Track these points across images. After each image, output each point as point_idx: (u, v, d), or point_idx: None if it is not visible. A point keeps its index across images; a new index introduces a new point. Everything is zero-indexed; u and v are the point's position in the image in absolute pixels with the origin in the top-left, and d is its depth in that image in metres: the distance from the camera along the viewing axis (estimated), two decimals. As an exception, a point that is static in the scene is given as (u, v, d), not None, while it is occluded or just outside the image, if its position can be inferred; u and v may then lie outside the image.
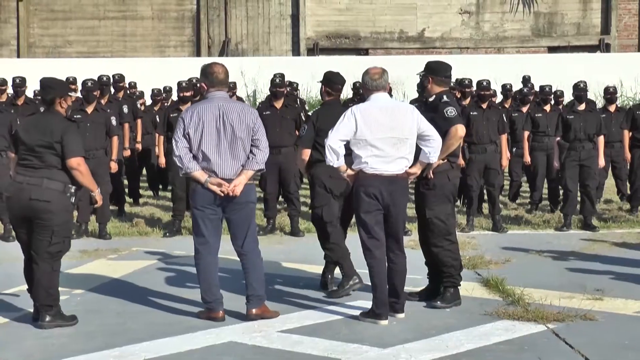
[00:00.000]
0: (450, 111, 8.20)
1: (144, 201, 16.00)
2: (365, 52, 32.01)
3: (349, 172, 7.78)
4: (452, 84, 10.09)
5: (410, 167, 7.82)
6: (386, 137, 7.69)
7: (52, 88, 7.80)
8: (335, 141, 7.64)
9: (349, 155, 7.79)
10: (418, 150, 7.88)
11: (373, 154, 7.68)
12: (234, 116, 7.75)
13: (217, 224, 7.89)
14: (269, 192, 12.62)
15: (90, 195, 7.97)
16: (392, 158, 7.72)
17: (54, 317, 7.64)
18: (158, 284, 9.36)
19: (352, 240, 8.56)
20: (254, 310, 7.86)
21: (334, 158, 7.65)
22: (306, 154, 8.90)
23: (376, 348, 7.03)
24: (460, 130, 8.18)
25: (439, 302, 8.34)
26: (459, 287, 8.43)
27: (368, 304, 8.05)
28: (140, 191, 16.57)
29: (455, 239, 8.43)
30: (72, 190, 7.61)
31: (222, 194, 7.68)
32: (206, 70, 7.93)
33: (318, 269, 10.04)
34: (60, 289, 9.00)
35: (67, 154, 7.51)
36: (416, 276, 9.05)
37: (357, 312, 8.04)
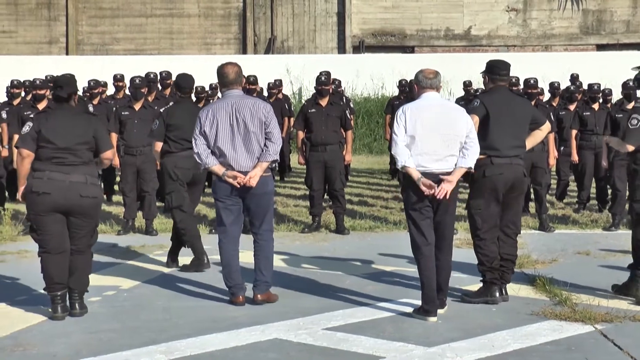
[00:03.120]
0: None
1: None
2: (411, 49, 31.91)
3: (415, 173, 7.76)
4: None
5: (450, 175, 7.79)
6: (435, 134, 7.74)
7: (69, 85, 8.03)
8: (398, 147, 7.76)
9: None
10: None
11: (422, 152, 7.74)
12: (246, 112, 8.22)
13: (237, 214, 8.37)
14: (315, 189, 12.61)
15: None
16: (441, 156, 7.76)
17: (82, 304, 7.97)
18: (204, 280, 9.40)
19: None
20: (259, 296, 8.33)
21: (403, 159, 7.74)
22: (158, 146, 10.10)
23: (421, 347, 6.99)
24: None
25: (464, 295, 8.40)
26: (492, 285, 8.37)
27: (414, 302, 8.04)
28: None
29: (487, 236, 8.33)
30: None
31: (239, 185, 8.15)
32: (218, 72, 8.45)
33: (364, 267, 10.05)
34: (108, 284, 9.14)
35: (102, 147, 7.90)
36: (461, 274, 9.04)
37: (403, 310, 8.04)
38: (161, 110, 11.22)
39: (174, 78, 16.70)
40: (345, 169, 13.60)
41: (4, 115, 14.01)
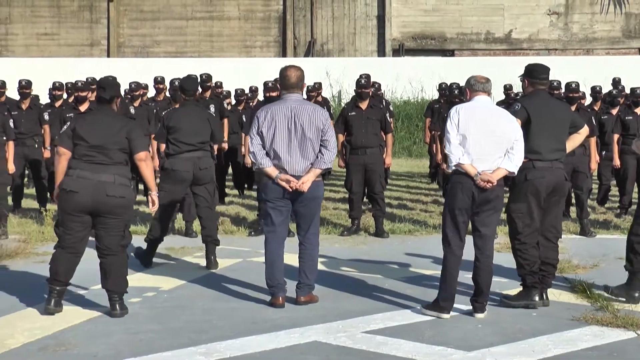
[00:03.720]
0: None
1: (229, 200, 16.11)
2: (451, 53, 31.84)
3: (472, 169, 7.85)
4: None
5: (492, 172, 7.85)
6: (488, 136, 7.85)
7: (112, 88, 8.17)
8: (452, 145, 7.87)
9: None
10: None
11: (470, 151, 7.84)
12: (305, 118, 8.28)
13: (285, 215, 8.45)
14: (354, 192, 12.60)
15: (149, 194, 8.29)
16: (490, 157, 7.86)
17: (122, 305, 8.04)
18: (243, 282, 9.43)
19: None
20: (302, 298, 8.42)
21: (457, 157, 7.86)
22: (162, 147, 10.54)
23: (461, 351, 6.97)
24: None
25: (503, 299, 8.37)
26: (532, 289, 8.32)
27: (455, 306, 8.03)
28: (226, 190, 16.70)
29: (528, 240, 8.29)
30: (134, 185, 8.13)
31: (291, 190, 8.23)
32: (281, 74, 8.51)
33: (403, 270, 10.04)
34: (148, 285, 9.19)
35: (136, 147, 7.95)
36: (502, 279, 9.00)
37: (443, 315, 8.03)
38: (163, 112, 11.44)
39: (214, 80, 16.87)
40: (385, 172, 13.57)
41: (46, 117, 14.16)
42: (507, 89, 19.66)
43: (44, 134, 14.27)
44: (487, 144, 7.85)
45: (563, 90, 13.75)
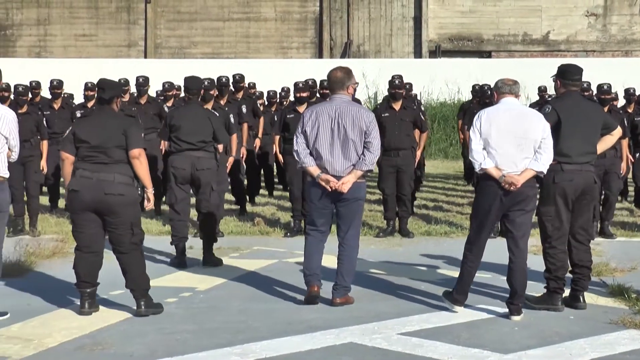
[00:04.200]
0: None
1: (265, 201, 16.14)
2: (487, 54, 31.71)
3: (496, 172, 7.91)
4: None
5: (519, 174, 7.87)
6: (510, 138, 7.86)
7: (111, 88, 8.24)
8: (474, 150, 7.98)
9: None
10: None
11: (496, 154, 7.87)
12: (348, 119, 8.34)
13: (328, 215, 8.53)
14: (388, 193, 12.59)
15: (144, 191, 8.35)
16: (515, 159, 7.86)
17: (148, 303, 8.06)
18: (279, 283, 9.43)
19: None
20: (337, 299, 8.42)
21: (477, 164, 7.97)
22: (164, 145, 10.59)
23: (497, 353, 6.93)
24: None
25: (525, 300, 8.30)
26: (554, 294, 8.28)
27: (490, 308, 7.99)
28: (260, 191, 16.75)
29: (557, 243, 8.25)
30: (138, 182, 8.15)
31: (330, 189, 8.30)
32: (328, 75, 8.65)
33: (439, 272, 10.00)
34: (184, 286, 9.22)
35: (130, 144, 7.98)
36: (537, 282, 8.94)
37: (478, 317, 8.00)
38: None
39: (247, 81, 16.90)
40: (421, 172, 13.56)
41: (79, 116, 14.27)
42: (542, 90, 19.63)
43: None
44: (511, 146, 7.88)
45: (594, 91, 13.65)
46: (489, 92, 13.79)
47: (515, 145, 7.87)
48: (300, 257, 10.49)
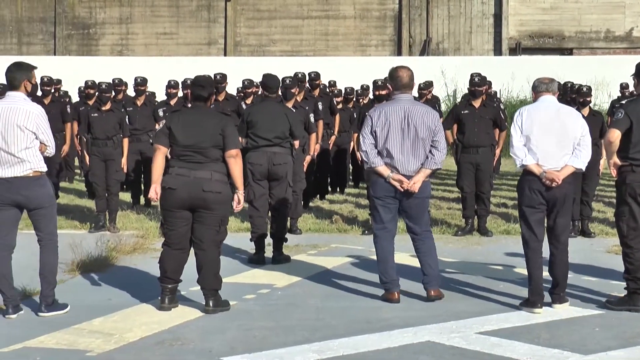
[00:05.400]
0: None
1: (343, 198, 16.15)
2: (569, 52, 31.33)
3: (537, 168, 8.11)
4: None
5: (559, 171, 8.07)
6: (550, 135, 8.11)
7: (210, 86, 8.31)
8: (515, 147, 8.18)
9: None
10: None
11: (538, 150, 8.10)
12: (417, 118, 8.40)
13: (394, 213, 8.56)
14: (467, 191, 12.50)
15: (235, 193, 8.30)
16: (554, 155, 8.10)
17: (217, 302, 8.10)
18: (357, 280, 9.44)
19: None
20: (432, 292, 8.50)
21: (519, 160, 8.20)
22: (243, 142, 10.34)
23: (577, 354, 6.85)
24: None
25: (606, 302, 8.27)
26: (634, 295, 8.16)
27: (570, 308, 7.90)
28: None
29: (634, 243, 8.15)
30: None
31: (402, 189, 8.35)
32: (392, 74, 8.60)
33: (518, 271, 9.90)
34: (262, 282, 9.27)
35: (228, 144, 8.02)
36: (613, 282, 8.83)
37: (559, 317, 7.92)
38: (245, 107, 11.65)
39: (326, 79, 16.94)
40: (497, 166, 13.43)
41: (161, 114, 14.44)
42: (623, 87, 19.47)
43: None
44: (550, 143, 8.09)
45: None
46: (571, 89, 13.64)
47: (555, 142, 8.11)
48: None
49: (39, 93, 13.98)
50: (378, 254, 8.55)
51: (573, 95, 12.82)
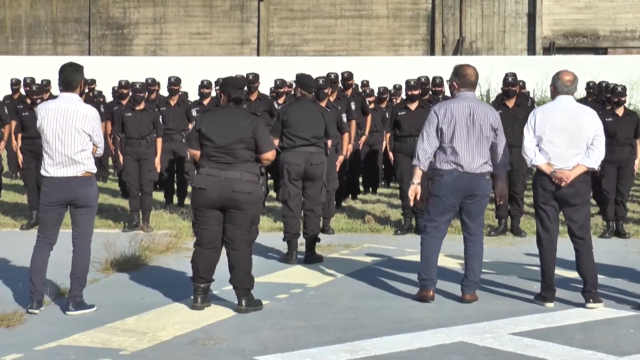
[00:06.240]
0: None
1: (375, 198, 16.14)
2: (604, 51, 31.12)
3: (547, 168, 8.21)
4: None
5: (570, 170, 8.14)
6: (563, 135, 8.16)
7: (242, 87, 8.38)
8: (526, 147, 8.29)
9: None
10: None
11: (549, 150, 8.17)
12: (482, 116, 8.46)
13: (450, 213, 8.58)
14: (499, 192, 12.45)
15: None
16: (566, 155, 8.16)
17: (249, 301, 8.12)
18: (389, 280, 9.42)
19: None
20: (468, 296, 8.47)
21: (529, 160, 8.34)
22: (276, 142, 10.15)
23: (612, 356, 6.80)
24: None
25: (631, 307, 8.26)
26: None
27: (605, 309, 7.84)
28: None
29: None
30: (262, 181, 8.21)
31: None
32: (459, 72, 8.58)
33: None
34: (294, 282, 9.27)
35: (262, 147, 8.07)
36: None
37: (593, 318, 7.89)
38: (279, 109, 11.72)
39: (359, 79, 16.92)
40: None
41: (194, 114, 14.48)
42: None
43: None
44: (563, 143, 8.15)
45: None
46: (606, 89, 13.57)
47: (568, 142, 8.16)
48: (411, 255, 10.51)
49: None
50: (423, 251, 8.53)
51: (608, 95, 12.77)
